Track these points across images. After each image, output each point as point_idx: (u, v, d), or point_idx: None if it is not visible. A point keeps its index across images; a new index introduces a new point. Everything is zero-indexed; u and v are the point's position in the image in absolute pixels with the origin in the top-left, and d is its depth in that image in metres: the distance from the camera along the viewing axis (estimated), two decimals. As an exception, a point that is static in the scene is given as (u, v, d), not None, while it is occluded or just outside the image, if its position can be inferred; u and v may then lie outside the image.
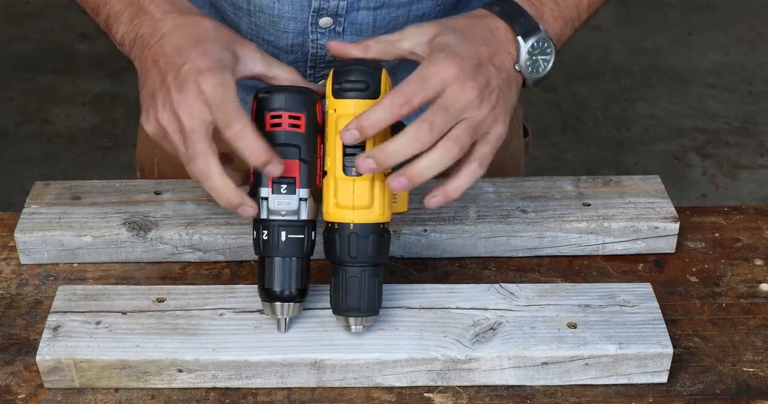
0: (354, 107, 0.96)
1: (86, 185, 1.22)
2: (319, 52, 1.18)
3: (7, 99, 3.42)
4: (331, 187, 0.97)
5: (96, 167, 3.11)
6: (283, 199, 0.97)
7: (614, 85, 3.53)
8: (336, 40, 1.02)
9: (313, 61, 1.19)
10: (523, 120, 1.46)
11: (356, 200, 0.97)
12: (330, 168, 0.97)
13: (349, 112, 0.96)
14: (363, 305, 0.99)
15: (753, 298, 1.13)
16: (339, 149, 0.97)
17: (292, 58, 1.19)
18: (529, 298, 1.06)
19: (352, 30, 1.16)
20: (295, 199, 0.97)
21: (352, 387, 1.02)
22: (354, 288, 0.99)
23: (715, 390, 1.02)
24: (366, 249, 0.98)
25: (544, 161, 3.14)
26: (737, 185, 3.07)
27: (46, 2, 3.96)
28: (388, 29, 1.16)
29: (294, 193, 0.97)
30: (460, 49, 0.95)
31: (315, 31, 1.16)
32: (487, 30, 1.00)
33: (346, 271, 0.99)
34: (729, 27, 3.87)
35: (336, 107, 0.97)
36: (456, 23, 1.00)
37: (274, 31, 1.17)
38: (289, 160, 0.96)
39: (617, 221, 1.17)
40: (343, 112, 0.96)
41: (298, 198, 0.98)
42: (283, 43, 1.17)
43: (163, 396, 1.01)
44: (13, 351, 1.05)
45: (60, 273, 1.15)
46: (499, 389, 1.02)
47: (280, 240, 0.98)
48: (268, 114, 0.98)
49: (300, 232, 0.98)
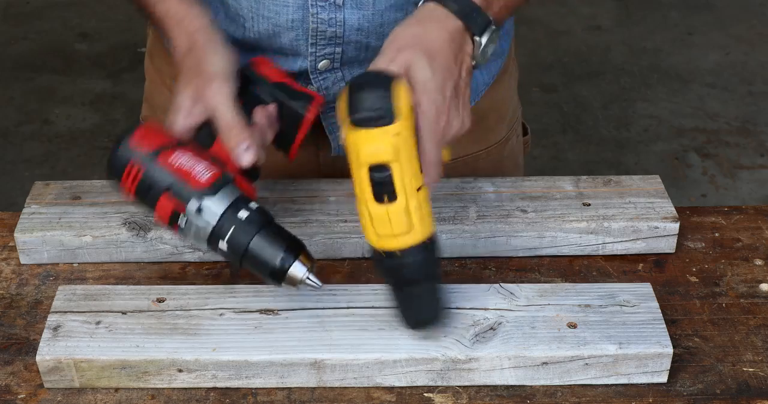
0: (374, 136, 0.93)
1: (86, 185, 1.22)
2: (319, 27, 1.17)
3: (7, 99, 3.42)
4: (366, 214, 0.96)
5: (96, 167, 3.11)
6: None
7: (614, 85, 3.53)
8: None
9: (314, 38, 1.19)
10: (522, 119, 1.46)
11: (395, 227, 0.95)
12: (359, 195, 0.95)
13: (370, 140, 0.93)
14: (436, 313, 1.01)
15: (753, 298, 1.13)
16: (365, 177, 0.94)
17: (293, 35, 1.19)
18: (529, 298, 1.06)
19: (352, 3, 1.16)
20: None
21: (352, 387, 1.02)
22: (421, 304, 0.99)
23: (715, 390, 1.02)
24: (419, 271, 0.97)
25: (544, 161, 3.14)
26: (737, 185, 3.07)
27: (46, 2, 3.96)
28: (389, 4, 1.16)
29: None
30: (434, 84, 0.98)
31: (315, 5, 1.16)
32: (452, 43, 1.02)
33: (411, 292, 0.99)
34: (729, 27, 3.87)
35: (356, 138, 0.94)
36: (428, 46, 1.00)
37: (274, 7, 1.16)
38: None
39: (617, 221, 1.17)
40: (363, 141, 0.93)
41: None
42: (283, 19, 1.17)
43: (163, 396, 1.01)
44: (13, 351, 1.05)
45: (60, 273, 1.15)
46: (499, 389, 1.02)
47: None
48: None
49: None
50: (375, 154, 0.93)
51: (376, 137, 0.93)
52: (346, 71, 1.23)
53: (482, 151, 1.34)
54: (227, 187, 0.99)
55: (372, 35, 1.19)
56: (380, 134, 0.93)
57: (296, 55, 1.22)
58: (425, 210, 0.96)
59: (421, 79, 0.98)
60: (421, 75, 0.99)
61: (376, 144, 0.92)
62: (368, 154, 0.93)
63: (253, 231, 0.98)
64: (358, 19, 1.17)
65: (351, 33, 1.18)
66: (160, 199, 0.98)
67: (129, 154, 0.99)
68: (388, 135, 0.92)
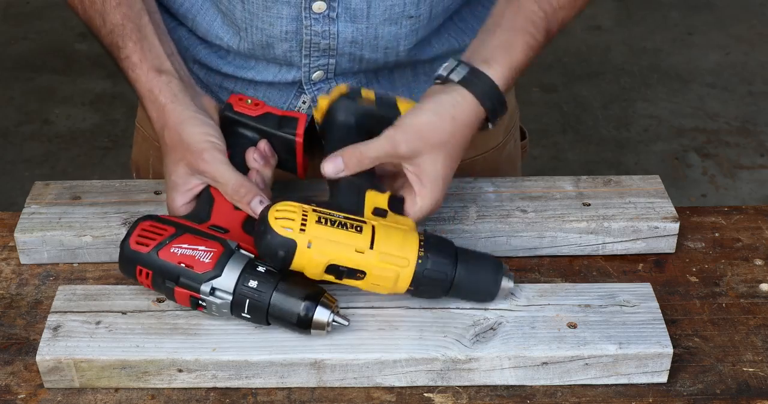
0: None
1: (86, 185, 1.22)
2: (313, 39, 1.18)
3: (7, 99, 3.42)
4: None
5: (96, 167, 3.11)
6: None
7: (614, 85, 3.53)
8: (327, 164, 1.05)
9: (308, 49, 1.19)
10: (520, 122, 1.46)
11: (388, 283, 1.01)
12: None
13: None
14: (492, 284, 1.03)
15: (753, 298, 1.13)
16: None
17: (287, 46, 1.19)
18: (529, 298, 1.06)
19: (346, 16, 1.16)
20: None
21: (352, 387, 1.02)
22: (475, 281, 1.03)
23: (715, 390, 1.02)
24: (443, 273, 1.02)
25: (544, 161, 3.14)
26: (737, 185, 3.07)
27: (46, 2, 3.96)
28: (384, 18, 1.16)
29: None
30: (443, 182, 1.06)
31: (309, 17, 1.16)
32: (471, 135, 1.08)
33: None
34: (729, 27, 3.87)
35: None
36: (453, 148, 1.06)
37: (267, 18, 1.16)
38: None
39: (617, 221, 1.17)
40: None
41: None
42: (277, 30, 1.17)
43: (163, 396, 1.01)
44: (13, 351, 1.05)
45: (60, 273, 1.15)
46: (499, 389, 1.02)
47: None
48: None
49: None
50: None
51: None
52: (340, 82, 1.23)
53: (479, 155, 1.34)
54: (232, 259, 1.01)
55: (366, 48, 1.19)
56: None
57: (290, 66, 1.22)
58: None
59: (433, 176, 1.05)
60: (432, 171, 1.05)
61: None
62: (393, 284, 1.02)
63: (269, 293, 1.00)
64: (352, 32, 1.17)
65: (345, 45, 1.18)
66: (175, 291, 1.01)
67: (133, 257, 1.02)
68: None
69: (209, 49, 1.25)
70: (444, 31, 1.25)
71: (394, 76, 1.26)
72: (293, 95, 1.25)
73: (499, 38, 1.11)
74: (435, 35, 1.24)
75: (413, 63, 1.25)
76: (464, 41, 1.26)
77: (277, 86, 1.24)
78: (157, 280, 1.02)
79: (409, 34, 1.19)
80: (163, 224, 1.04)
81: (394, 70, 1.26)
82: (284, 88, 1.24)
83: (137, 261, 1.02)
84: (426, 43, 1.23)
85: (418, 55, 1.23)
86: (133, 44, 1.13)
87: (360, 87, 1.11)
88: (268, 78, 1.23)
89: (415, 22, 1.18)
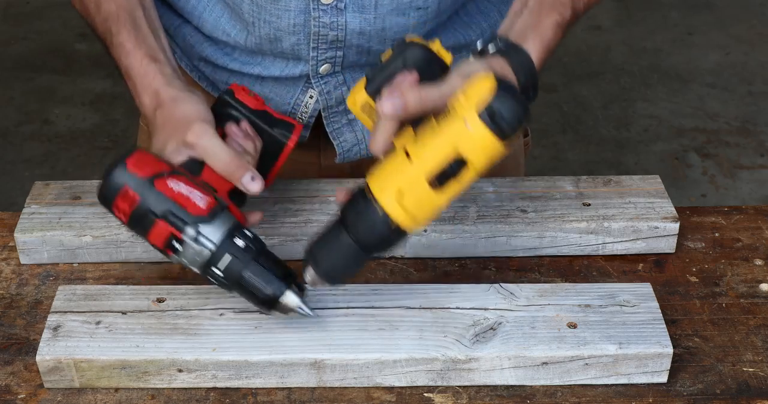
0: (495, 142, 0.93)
1: (86, 185, 1.22)
2: (321, 31, 1.17)
3: (7, 99, 3.42)
4: (408, 185, 0.96)
5: (96, 167, 3.11)
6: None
7: (614, 85, 3.53)
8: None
9: (316, 42, 1.19)
10: (523, 120, 1.46)
11: (425, 212, 0.97)
12: (419, 168, 0.95)
13: (490, 143, 0.93)
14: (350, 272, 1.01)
15: (753, 298, 1.13)
16: (443, 161, 0.94)
17: (295, 39, 1.19)
18: (529, 298, 1.06)
19: (354, 6, 1.16)
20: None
21: (352, 387, 1.02)
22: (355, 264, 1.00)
23: (715, 390, 1.02)
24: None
25: (544, 161, 3.14)
26: (737, 185, 3.07)
27: (46, 2, 3.96)
28: (392, 8, 1.16)
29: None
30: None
31: (317, 9, 1.16)
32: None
33: (365, 258, 1.00)
34: (729, 27, 3.87)
35: (483, 134, 0.92)
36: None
37: (275, 11, 1.16)
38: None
39: (617, 221, 1.17)
40: (487, 142, 0.92)
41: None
42: (285, 23, 1.17)
43: (163, 396, 1.01)
44: (13, 351, 1.05)
45: (60, 273, 1.15)
46: (499, 389, 1.02)
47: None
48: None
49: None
50: (481, 154, 0.92)
51: (495, 144, 0.92)
52: (347, 75, 1.23)
53: None
54: (223, 214, 1.00)
55: (374, 39, 1.19)
56: (499, 145, 0.92)
57: (298, 59, 1.22)
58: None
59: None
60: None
61: (491, 150, 0.92)
62: (476, 150, 0.92)
63: (249, 259, 0.99)
64: (360, 23, 1.17)
65: (353, 37, 1.18)
66: (155, 224, 0.98)
67: (125, 178, 0.99)
68: (500, 148, 0.92)
69: (215, 45, 1.25)
70: (450, 26, 1.25)
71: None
72: (300, 90, 1.25)
73: (529, 18, 1.10)
74: (441, 29, 1.24)
75: None
76: (470, 36, 1.27)
77: (284, 81, 1.24)
78: (139, 209, 0.98)
79: (416, 25, 1.18)
80: (160, 160, 1.02)
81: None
82: (291, 82, 1.24)
83: (129, 182, 0.98)
84: (432, 37, 1.23)
85: None
86: (127, 33, 1.13)
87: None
88: (275, 73, 1.23)
89: (423, 13, 1.18)
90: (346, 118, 1.27)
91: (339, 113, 1.27)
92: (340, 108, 1.26)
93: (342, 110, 1.26)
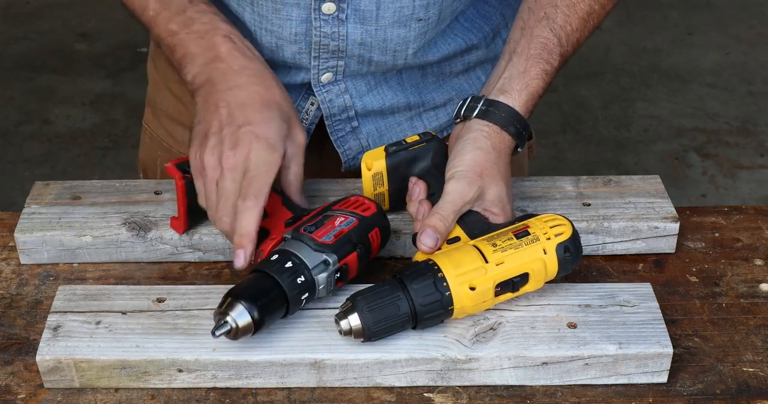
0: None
1: (86, 185, 1.22)
2: (322, 41, 1.18)
3: (7, 99, 3.42)
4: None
5: (96, 167, 3.11)
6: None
7: (614, 85, 3.54)
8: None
9: (317, 51, 1.19)
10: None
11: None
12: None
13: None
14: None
15: (753, 298, 1.13)
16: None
17: (296, 48, 1.19)
18: (529, 298, 1.06)
19: (355, 17, 1.16)
20: None
21: (352, 387, 1.02)
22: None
23: (715, 390, 1.02)
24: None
25: (544, 161, 3.14)
26: (737, 185, 3.07)
27: (46, 2, 3.96)
28: (393, 20, 1.16)
29: None
30: (507, 199, 1.10)
31: (318, 18, 1.16)
32: (506, 164, 1.10)
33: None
34: (729, 27, 3.87)
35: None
36: (504, 176, 1.09)
37: (277, 20, 1.16)
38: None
39: (617, 221, 1.17)
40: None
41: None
42: (287, 33, 1.17)
43: (163, 396, 1.01)
44: (13, 351, 1.05)
45: (60, 273, 1.15)
46: (499, 389, 1.02)
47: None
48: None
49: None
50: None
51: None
52: (349, 83, 1.23)
53: None
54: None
55: (375, 49, 1.19)
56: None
57: (299, 68, 1.22)
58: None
59: (503, 202, 1.08)
60: (499, 198, 1.08)
61: (551, 276, 1.05)
62: (542, 273, 1.05)
63: (272, 276, 1.01)
64: (361, 34, 1.17)
65: (354, 47, 1.18)
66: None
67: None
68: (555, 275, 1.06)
69: None
70: (450, 32, 1.25)
71: (403, 78, 1.27)
72: (302, 97, 1.25)
73: (515, 67, 1.13)
74: (441, 36, 1.24)
75: (421, 64, 1.26)
76: (471, 40, 1.27)
77: (286, 88, 1.24)
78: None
79: (417, 36, 1.19)
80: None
81: (403, 72, 1.26)
82: (293, 90, 1.24)
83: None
84: (432, 44, 1.23)
85: (425, 56, 1.23)
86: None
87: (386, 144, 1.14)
88: None
89: (423, 24, 1.18)
90: (349, 126, 1.28)
91: (342, 121, 1.27)
92: (343, 116, 1.26)
93: (345, 118, 1.27)
